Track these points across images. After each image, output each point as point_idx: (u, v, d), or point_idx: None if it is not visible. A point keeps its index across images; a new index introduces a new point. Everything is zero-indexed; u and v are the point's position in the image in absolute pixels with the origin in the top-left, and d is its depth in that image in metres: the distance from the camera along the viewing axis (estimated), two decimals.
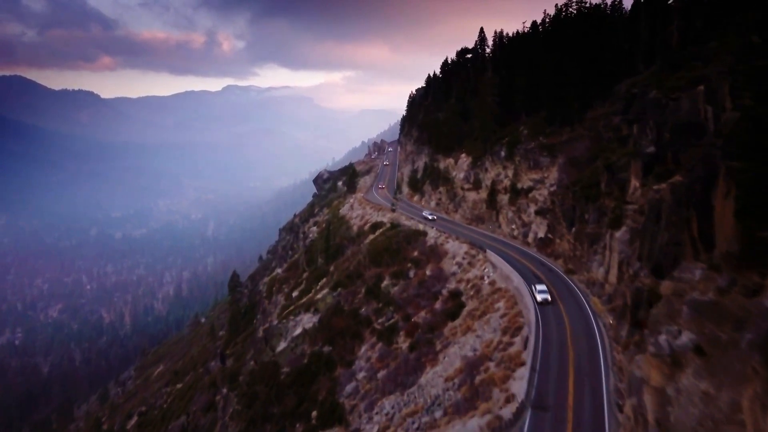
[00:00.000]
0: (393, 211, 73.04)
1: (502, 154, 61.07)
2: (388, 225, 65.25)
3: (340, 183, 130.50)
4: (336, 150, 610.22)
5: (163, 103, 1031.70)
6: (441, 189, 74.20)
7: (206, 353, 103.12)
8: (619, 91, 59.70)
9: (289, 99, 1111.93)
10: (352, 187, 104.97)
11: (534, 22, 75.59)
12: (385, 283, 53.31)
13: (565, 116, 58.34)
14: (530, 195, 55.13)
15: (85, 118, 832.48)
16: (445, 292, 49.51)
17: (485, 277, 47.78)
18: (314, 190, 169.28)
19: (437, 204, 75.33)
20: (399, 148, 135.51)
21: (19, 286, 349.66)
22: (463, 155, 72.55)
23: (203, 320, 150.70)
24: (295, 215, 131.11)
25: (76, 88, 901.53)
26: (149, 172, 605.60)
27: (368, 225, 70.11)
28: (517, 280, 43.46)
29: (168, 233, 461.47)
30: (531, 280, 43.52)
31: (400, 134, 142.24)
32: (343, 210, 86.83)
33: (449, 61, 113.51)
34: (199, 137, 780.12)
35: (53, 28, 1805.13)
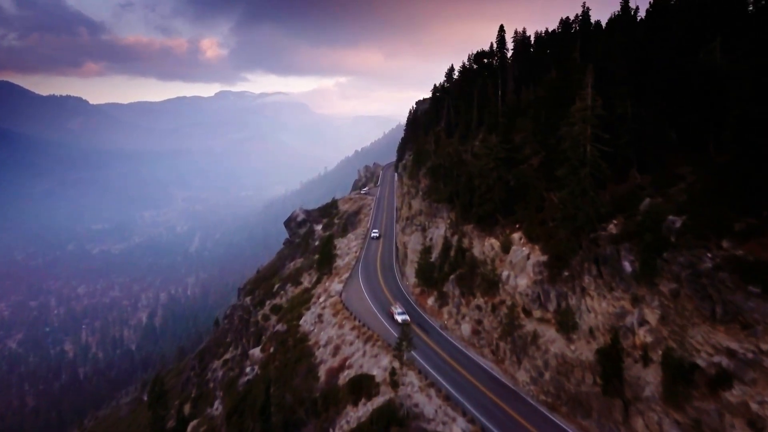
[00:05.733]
0: (394, 378, 31.04)
1: (627, 267, 27.67)
2: (386, 396, 30.90)
3: (319, 227, 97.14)
4: (329, 158, 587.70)
5: (155, 108, 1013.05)
6: (480, 300, 37.94)
7: None
8: None
9: (284, 105, 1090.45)
10: (326, 264, 64.42)
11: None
12: None
13: None
14: (727, 393, 21.81)
15: (74, 125, 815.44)
16: None
17: None
18: (302, 203, 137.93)
19: (474, 332, 37.54)
20: (396, 180, 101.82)
21: None
22: (517, 236, 39.04)
23: (145, 398, 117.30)
24: (258, 271, 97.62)
25: (64, 94, 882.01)
26: (137, 180, 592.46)
27: (345, 377, 34.28)
28: None
29: (150, 248, 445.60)
30: None
31: (398, 162, 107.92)
32: (306, 320, 49.81)
33: (466, 67, 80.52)
34: (190, 144, 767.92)
35: (36, 32, 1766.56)
